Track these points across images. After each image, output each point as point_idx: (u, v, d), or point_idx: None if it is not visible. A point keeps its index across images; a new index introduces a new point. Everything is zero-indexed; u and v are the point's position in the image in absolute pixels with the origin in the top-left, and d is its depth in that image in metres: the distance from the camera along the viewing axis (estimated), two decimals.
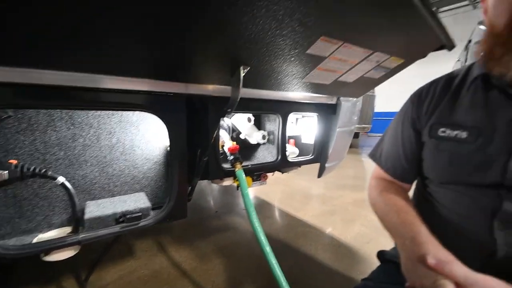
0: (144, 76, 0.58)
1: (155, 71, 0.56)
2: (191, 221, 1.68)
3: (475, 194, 0.51)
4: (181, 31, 0.43)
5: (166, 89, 0.66)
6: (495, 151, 0.48)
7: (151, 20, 0.39)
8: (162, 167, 0.93)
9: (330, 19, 0.49)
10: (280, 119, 1.01)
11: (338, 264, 1.23)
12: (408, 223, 0.53)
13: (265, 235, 0.71)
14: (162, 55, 0.50)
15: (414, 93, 0.64)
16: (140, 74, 0.56)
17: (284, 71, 0.65)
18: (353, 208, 2.02)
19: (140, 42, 0.44)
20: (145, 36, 0.43)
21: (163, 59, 0.51)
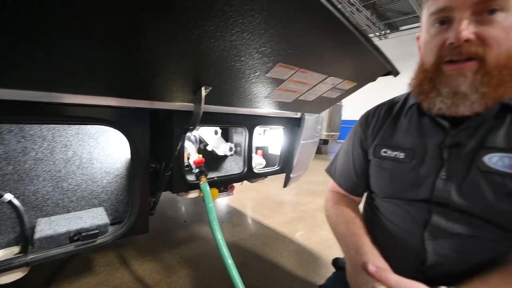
0: (106, 95, 0.57)
1: (118, 90, 0.56)
2: (158, 232, 1.63)
3: (410, 208, 0.58)
4: (143, 55, 0.44)
5: (129, 104, 0.66)
6: (425, 172, 0.55)
7: (112, 45, 0.39)
8: (123, 180, 0.90)
9: (286, 49, 0.53)
10: (247, 132, 1.04)
11: (301, 270, 1.28)
12: (354, 234, 0.58)
13: (227, 248, 0.72)
14: (125, 77, 0.50)
15: (362, 115, 0.71)
16: (101, 93, 0.56)
17: (246, 90, 0.68)
18: (319, 214, 2.11)
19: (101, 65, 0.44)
20: (107, 58, 0.43)
21: (126, 80, 0.51)
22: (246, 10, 0.39)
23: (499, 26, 0.44)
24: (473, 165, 0.50)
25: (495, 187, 0.47)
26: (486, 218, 0.49)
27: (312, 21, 0.46)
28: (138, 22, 0.36)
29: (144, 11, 0.35)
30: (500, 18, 0.44)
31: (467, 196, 0.50)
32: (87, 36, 0.36)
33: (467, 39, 0.44)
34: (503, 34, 0.44)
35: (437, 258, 0.53)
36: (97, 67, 0.45)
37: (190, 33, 0.41)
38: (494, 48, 0.44)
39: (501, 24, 0.44)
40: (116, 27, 0.36)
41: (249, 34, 0.45)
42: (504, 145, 0.47)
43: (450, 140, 0.53)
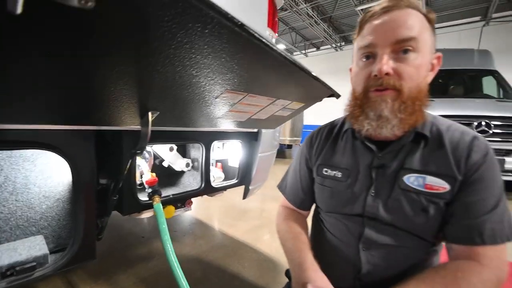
0: (42, 123, 0.53)
1: (55, 118, 0.52)
2: (113, 250, 1.53)
3: (347, 222, 0.64)
4: (82, 83, 0.42)
5: (70, 127, 0.62)
6: (358, 189, 0.62)
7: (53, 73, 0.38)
8: (66, 205, 0.84)
9: (232, 79, 0.55)
10: (203, 148, 1.04)
11: (262, 279, 1.31)
12: (298, 250, 0.63)
13: (181, 270, 0.72)
14: (63, 104, 0.48)
15: (308, 136, 0.77)
16: (37, 121, 0.52)
17: (197, 113, 0.69)
18: None
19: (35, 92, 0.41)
20: (41, 85, 0.40)
21: (64, 107, 0.49)
22: (186, 50, 0.40)
23: (411, 64, 0.52)
24: (396, 184, 0.57)
25: (412, 203, 0.55)
26: (407, 229, 0.57)
27: (253, 57, 0.49)
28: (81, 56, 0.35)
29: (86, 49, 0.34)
30: (412, 57, 0.52)
31: (391, 211, 0.57)
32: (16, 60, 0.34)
33: (387, 73, 0.52)
34: (414, 71, 0.53)
35: (370, 266, 0.60)
36: (31, 94, 0.42)
37: (134, 66, 0.41)
38: (408, 82, 0.52)
39: (413, 62, 0.52)
40: (52, 55, 0.34)
41: (192, 69, 0.46)
42: (419, 167, 0.56)
43: (377, 162, 0.60)
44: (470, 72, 3.98)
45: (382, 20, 0.53)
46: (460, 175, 0.52)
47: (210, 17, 0.34)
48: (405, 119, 0.53)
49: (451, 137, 0.55)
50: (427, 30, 0.54)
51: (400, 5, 0.53)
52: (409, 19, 0.52)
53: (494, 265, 0.48)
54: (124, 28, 0.33)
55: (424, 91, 0.55)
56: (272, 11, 1.29)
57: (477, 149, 0.52)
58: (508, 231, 0.50)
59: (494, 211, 0.50)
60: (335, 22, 8.73)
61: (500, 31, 7.64)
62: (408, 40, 0.51)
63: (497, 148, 2.88)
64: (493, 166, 0.52)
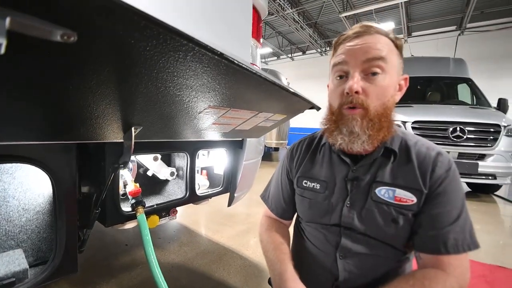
0: (25, 140, 0.53)
1: (34, 134, 0.52)
2: (95, 259, 1.50)
3: (326, 232, 0.67)
4: (63, 100, 0.43)
5: (49, 140, 0.62)
6: (335, 201, 0.66)
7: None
8: (46, 217, 0.82)
9: (214, 96, 0.57)
10: (188, 157, 1.05)
11: (247, 286, 1.33)
12: (279, 260, 0.65)
13: (165, 282, 0.72)
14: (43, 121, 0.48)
15: (289, 148, 0.80)
16: (19, 139, 0.52)
17: (181, 127, 0.70)
18: None
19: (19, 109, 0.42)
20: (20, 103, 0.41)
21: (44, 124, 0.49)
22: (168, 74, 0.42)
23: (379, 84, 0.57)
24: (369, 196, 0.61)
25: (384, 214, 0.59)
26: (379, 239, 0.61)
27: (235, 78, 0.52)
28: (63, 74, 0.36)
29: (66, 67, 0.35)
30: (379, 78, 0.56)
31: (365, 221, 0.61)
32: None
33: (357, 91, 0.56)
34: (381, 91, 0.57)
35: (346, 274, 0.63)
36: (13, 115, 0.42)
37: (117, 88, 0.42)
38: (374, 101, 0.57)
39: (380, 83, 0.57)
40: (35, 82, 0.35)
41: (175, 89, 0.48)
42: (389, 180, 0.60)
43: (351, 175, 0.64)
44: (446, 79, 4.20)
45: (354, 43, 0.58)
46: (425, 189, 0.56)
47: (190, 47, 0.36)
48: (373, 135, 0.58)
49: (418, 152, 0.60)
50: (394, 54, 0.59)
51: (370, 31, 0.58)
52: (378, 43, 0.57)
53: (457, 273, 0.53)
54: (106, 57, 0.34)
55: (390, 109, 0.59)
56: (256, 21, 1.33)
57: (441, 164, 0.57)
58: (470, 241, 0.54)
59: (457, 222, 0.54)
60: (320, 28, 8.93)
61: (474, 41, 8.10)
62: (377, 59, 0.55)
63: (471, 153, 3.05)
64: (455, 180, 0.57)
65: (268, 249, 0.70)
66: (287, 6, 7.28)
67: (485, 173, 3.02)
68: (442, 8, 7.39)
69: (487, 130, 3.05)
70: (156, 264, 0.73)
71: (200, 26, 0.89)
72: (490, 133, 3.04)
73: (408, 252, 0.63)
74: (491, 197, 3.54)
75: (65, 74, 0.36)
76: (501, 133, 3.03)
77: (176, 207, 1.06)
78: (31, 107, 0.42)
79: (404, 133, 0.65)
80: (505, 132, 3.05)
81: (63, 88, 0.39)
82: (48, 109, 0.43)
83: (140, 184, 0.94)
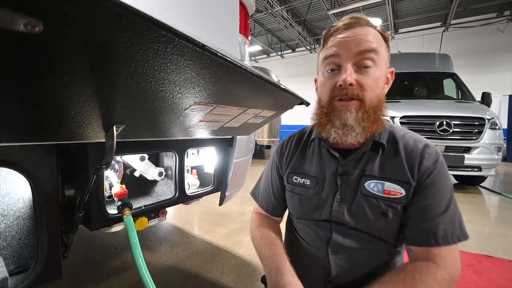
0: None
1: (11, 135, 0.49)
2: (84, 264, 1.46)
3: (316, 228, 0.67)
4: (38, 97, 0.40)
5: (26, 141, 0.58)
6: (325, 196, 0.65)
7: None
8: (28, 222, 0.79)
9: (200, 91, 0.55)
10: (177, 156, 1.03)
11: (240, 284, 1.32)
12: (275, 256, 0.64)
13: (154, 286, 0.70)
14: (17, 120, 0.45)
15: (278, 144, 0.79)
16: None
17: (166, 124, 0.68)
18: None
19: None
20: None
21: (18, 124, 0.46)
22: (148, 67, 0.40)
23: (371, 76, 0.56)
24: (358, 190, 0.61)
25: (373, 207, 0.59)
26: (370, 233, 0.61)
27: (220, 72, 0.50)
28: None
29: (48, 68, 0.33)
30: (372, 70, 0.56)
31: (355, 215, 0.61)
32: None
33: (351, 83, 0.55)
34: (374, 83, 0.56)
35: (338, 269, 0.63)
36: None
37: (94, 83, 0.40)
38: (369, 93, 0.56)
39: (373, 75, 0.56)
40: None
41: (157, 84, 0.46)
42: (378, 174, 0.60)
43: (341, 169, 0.63)
44: (432, 74, 4.29)
45: (345, 35, 0.57)
46: (413, 181, 0.56)
47: (170, 38, 0.34)
48: (367, 127, 0.57)
49: (405, 144, 0.60)
50: (383, 46, 0.59)
51: (360, 22, 0.57)
52: (369, 34, 0.56)
53: (448, 264, 0.53)
54: (77, 49, 0.32)
55: (382, 101, 0.59)
56: (244, 17, 1.31)
57: (428, 156, 0.57)
58: (459, 232, 0.55)
59: (446, 213, 0.55)
60: (309, 25, 8.96)
61: (458, 36, 8.31)
62: (369, 51, 0.55)
63: (457, 146, 3.13)
64: (443, 171, 0.57)
65: (261, 245, 0.69)
66: (276, 3, 7.27)
67: (471, 165, 3.11)
68: (427, 4, 7.54)
69: (472, 123, 3.14)
70: (145, 267, 0.71)
71: (186, 22, 0.87)
72: (475, 126, 3.13)
73: (399, 246, 0.63)
74: (477, 189, 3.65)
75: (33, 69, 0.33)
76: (485, 126, 3.12)
77: (165, 207, 1.03)
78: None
79: (392, 126, 0.65)
80: (489, 125, 3.14)
81: (32, 85, 0.36)
82: (18, 108, 0.40)
83: (127, 185, 0.91)
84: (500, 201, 3.05)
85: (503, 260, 1.60)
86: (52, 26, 0.28)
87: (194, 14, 0.90)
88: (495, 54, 7.95)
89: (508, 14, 7.58)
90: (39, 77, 0.35)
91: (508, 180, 4.54)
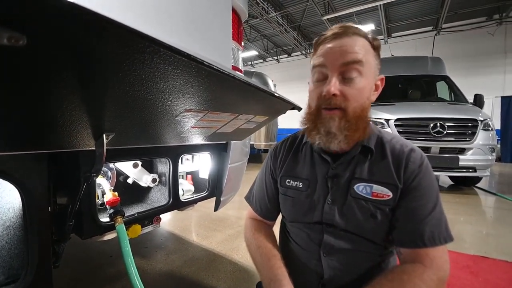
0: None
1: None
2: (78, 274, 1.44)
3: (308, 231, 0.67)
4: (25, 105, 0.41)
5: (15, 151, 0.58)
6: (317, 198, 0.66)
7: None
8: (18, 232, 0.78)
9: (190, 98, 0.56)
10: (170, 163, 1.03)
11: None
12: (270, 265, 0.64)
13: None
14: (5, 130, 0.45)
15: (272, 148, 0.79)
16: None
17: (158, 131, 0.68)
18: None
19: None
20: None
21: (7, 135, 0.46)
22: (135, 77, 0.41)
23: (356, 87, 0.57)
24: (348, 192, 0.62)
25: (362, 209, 0.60)
26: (359, 234, 0.61)
27: (209, 80, 0.51)
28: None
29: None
30: (357, 81, 0.57)
31: (345, 217, 0.61)
32: None
33: (334, 94, 0.56)
34: (358, 93, 0.57)
35: (331, 271, 0.63)
36: None
37: (81, 92, 0.40)
38: (352, 103, 0.57)
39: (357, 85, 0.57)
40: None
41: (145, 93, 0.46)
42: (367, 177, 0.61)
43: (332, 172, 0.64)
44: (425, 77, 4.36)
45: (332, 44, 0.58)
46: (400, 184, 0.58)
47: (155, 49, 0.35)
48: (349, 135, 0.59)
49: (392, 148, 0.62)
50: (371, 55, 0.60)
51: (348, 32, 0.58)
52: (355, 45, 0.57)
53: (435, 265, 0.54)
54: (63, 61, 0.33)
55: (366, 110, 0.61)
56: (237, 24, 1.32)
57: (413, 160, 0.59)
58: (446, 234, 0.56)
59: (432, 215, 0.56)
60: (304, 30, 9.08)
61: (450, 40, 8.46)
62: (354, 62, 0.56)
63: (452, 147, 3.17)
64: (428, 174, 0.59)
65: (256, 253, 0.69)
66: (271, 9, 7.36)
67: (466, 166, 3.14)
68: (418, 9, 7.69)
69: (465, 125, 3.18)
70: (137, 275, 0.70)
71: (179, 30, 0.88)
72: (468, 127, 3.17)
73: (389, 247, 0.64)
74: (473, 189, 3.68)
75: (19, 80, 0.33)
76: (478, 127, 3.16)
77: (159, 214, 1.03)
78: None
79: (380, 131, 0.66)
80: (482, 126, 3.18)
81: (19, 95, 0.37)
82: (6, 117, 0.41)
83: (121, 192, 0.90)
84: (496, 202, 3.07)
85: (500, 261, 1.61)
86: (36, 39, 0.28)
87: (187, 23, 0.91)
88: (486, 57, 8.10)
89: (497, 18, 7.74)
90: (26, 88, 0.36)
91: (503, 181, 4.58)
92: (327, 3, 7.17)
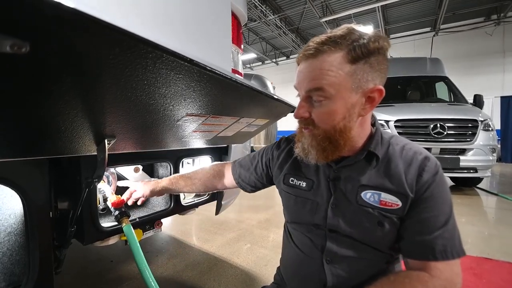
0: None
1: (2, 152, 0.49)
2: (79, 278, 1.43)
3: (311, 236, 0.66)
4: (28, 112, 0.40)
5: (17, 157, 0.58)
6: (320, 200, 0.65)
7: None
8: (19, 238, 0.77)
9: (191, 103, 0.56)
10: (171, 166, 1.02)
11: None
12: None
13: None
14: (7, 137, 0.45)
15: (281, 138, 0.79)
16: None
17: (159, 136, 0.68)
18: (258, 230, 2.17)
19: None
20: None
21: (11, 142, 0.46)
22: (137, 82, 0.41)
23: (323, 110, 0.55)
24: (354, 199, 0.61)
25: (369, 217, 0.59)
26: (365, 242, 0.60)
27: (210, 84, 0.51)
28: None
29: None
30: (323, 104, 0.55)
31: (351, 224, 0.60)
32: None
33: (301, 117, 0.58)
34: (327, 116, 0.56)
35: (334, 279, 0.62)
36: None
37: (83, 98, 0.40)
38: (321, 125, 0.57)
39: (324, 109, 0.55)
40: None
41: (147, 98, 0.46)
42: (375, 184, 0.59)
43: (333, 175, 0.64)
44: (424, 78, 4.36)
45: (300, 67, 0.57)
46: (411, 193, 0.55)
47: (158, 54, 0.35)
48: (328, 152, 0.58)
49: (405, 156, 0.59)
50: (346, 72, 0.52)
51: (316, 53, 0.53)
52: (321, 69, 0.52)
53: (444, 276, 0.52)
54: (66, 67, 0.32)
55: (345, 129, 0.56)
56: (236, 27, 1.33)
57: (428, 169, 0.56)
58: (459, 248, 0.54)
59: (445, 228, 0.53)
60: (302, 33, 9.11)
61: (448, 41, 8.49)
62: (315, 90, 0.54)
63: (452, 148, 3.16)
64: (442, 185, 0.56)
65: None
66: (269, 12, 7.40)
67: (467, 167, 3.13)
68: (416, 10, 7.72)
69: (465, 125, 3.17)
70: (151, 274, 0.70)
71: (180, 34, 0.88)
72: (469, 128, 3.17)
73: (395, 255, 0.63)
74: (474, 190, 3.67)
75: (23, 87, 0.33)
76: (478, 128, 3.16)
77: (160, 219, 1.02)
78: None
79: (391, 137, 0.64)
80: (482, 126, 3.18)
81: (22, 101, 0.36)
82: (9, 124, 0.41)
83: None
84: (498, 202, 3.06)
85: (503, 262, 1.60)
86: (39, 46, 0.28)
87: (188, 27, 0.91)
88: (484, 57, 8.12)
89: (495, 18, 7.78)
90: (29, 95, 0.36)
91: (504, 181, 4.57)
92: (325, 6, 7.21)
